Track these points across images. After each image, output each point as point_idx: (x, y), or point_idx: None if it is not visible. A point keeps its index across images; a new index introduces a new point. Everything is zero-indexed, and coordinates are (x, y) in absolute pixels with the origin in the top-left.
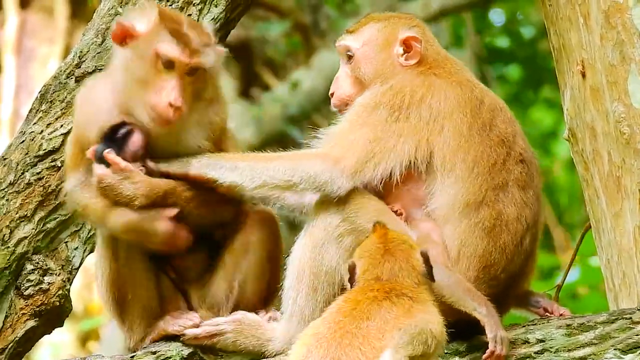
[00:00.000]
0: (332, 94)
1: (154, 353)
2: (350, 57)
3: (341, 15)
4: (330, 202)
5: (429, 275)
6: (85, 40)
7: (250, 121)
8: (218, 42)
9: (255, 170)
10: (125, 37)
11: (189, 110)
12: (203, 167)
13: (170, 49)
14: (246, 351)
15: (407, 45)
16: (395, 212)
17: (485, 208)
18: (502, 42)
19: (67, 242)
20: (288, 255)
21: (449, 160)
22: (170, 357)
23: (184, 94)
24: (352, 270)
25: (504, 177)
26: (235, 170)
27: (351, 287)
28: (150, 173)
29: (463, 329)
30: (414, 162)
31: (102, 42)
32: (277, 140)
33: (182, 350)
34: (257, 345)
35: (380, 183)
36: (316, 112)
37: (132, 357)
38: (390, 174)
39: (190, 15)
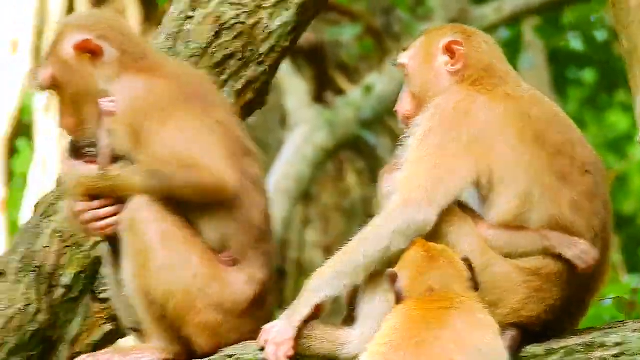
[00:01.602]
0: (396, 112)
1: (231, 356)
2: (406, 74)
3: (414, 19)
4: None
5: (474, 281)
6: (156, 43)
7: (324, 125)
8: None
9: (350, 265)
10: None
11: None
12: (316, 290)
13: None
14: (320, 356)
15: (449, 51)
16: None
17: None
18: (576, 44)
19: None
20: None
21: (508, 174)
22: None
23: (63, 111)
24: (392, 278)
25: (569, 189)
26: (338, 278)
27: (396, 297)
28: None
29: (539, 332)
30: (479, 180)
31: (173, 45)
32: (350, 144)
33: (258, 354)
34: (331, 349)
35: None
36: (390, 115)
37: None
38: (462, 195)
39: (261, 19)
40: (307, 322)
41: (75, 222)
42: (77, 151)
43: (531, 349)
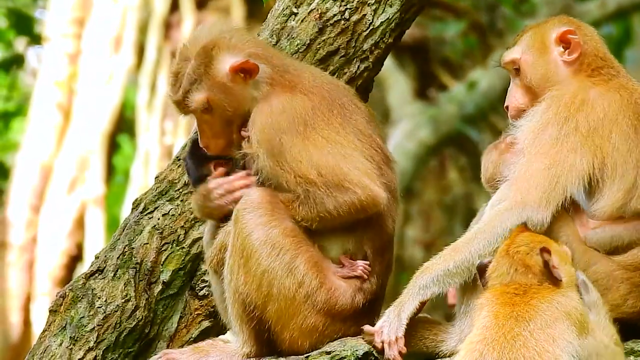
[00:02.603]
0: (507, 107)
1: (329, 353)
2: (517, 70)
3: (517, 15)
4: None
5: (551, 276)
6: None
7: (427, 121)
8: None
9: (462, 263)
10: None
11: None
12: (425, 287)
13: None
14: (420, 351)
15: (564, 41)
16: None
17: None
18: None
19: None
20: None
21: (621, 165)
22: (345, 357)
23: (207, 131)
24: (481, 270)
25: None
26: (448, 276)
27: (484, 286)
28: None
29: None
30: (593, 174)
31: (277, 42)
32: (453, 140)
33: (356, 350)
34: (431, 345)
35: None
36: (493, 111)
37: (307, 357)
38: (577, 191)
39: (365, 15)
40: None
41: (205, 203)
42: (197, 169)
43: (630, 345)
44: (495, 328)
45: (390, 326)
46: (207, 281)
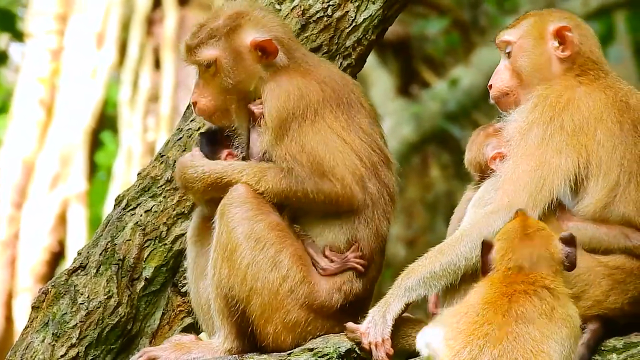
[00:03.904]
0: (491, 86)
1: (311, 350)
2: (509, 53)
3: (500, 13)
4: None
5: (571, 262)
6: None
7: (410, 118)
8: (371, 39)
9: (448, 266)
10: None
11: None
12: (411, 289)
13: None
14: (403, 349)
15: (560, 37)
16: None
17: None
18: None
19: None
20: None
21: (605, 162)
22: (327, 354)
23: (202, 88)
24: (487, 248)
25: None
26: (435, 278)
27: (485, 267)
28: None
29: (620, 326)
30: (579, 173)
31: None
32: (436, 137)
33: (339, 347)
34: (414, 343)
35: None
36: (475, 109)
37: (290, 353)
38: (563, 192)
39: (347, 12)
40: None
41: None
42: (213, 140)
43: (611, 342)
44: (493, 323)
45: (376, 327)
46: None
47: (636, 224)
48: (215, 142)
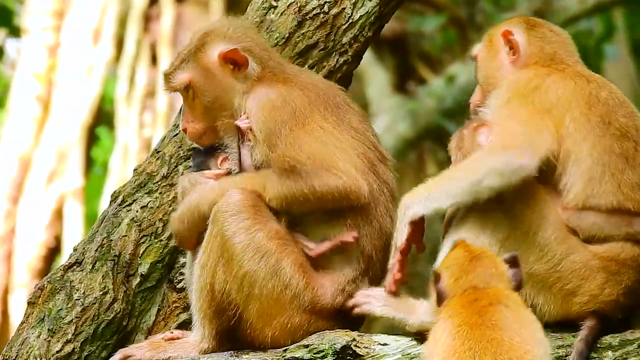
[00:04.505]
0: (469, 103)
1: (307, 346)
2: (475, 65)
3: (497, 10)
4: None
5: (518, 282)
6: None
7: (406, 115)
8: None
9: (442, 190)
10: None
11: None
12: (408, 206)
13: None
14: (393, 319)
15: (508, 42)
16: None
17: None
18: None
19: None
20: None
21: (576, 153)
22: (323, 351)
23: (188, 114)
24: (437, 278)
25: (632, 172)
26: (428, 199)
27: (438, 296)
28: None
29: (616, 323)
30: (554, 155)
31: None
32: (432, 134)
33: (335, 344)
34: (402, 317)
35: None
36: None
37: (285, 350)
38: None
39: (344, 9)
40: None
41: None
42: (205, 156)
43: (607, 340)
44: (471, 337)
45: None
46: (185, 274)
47: (620, 207)
48: (207, 151)
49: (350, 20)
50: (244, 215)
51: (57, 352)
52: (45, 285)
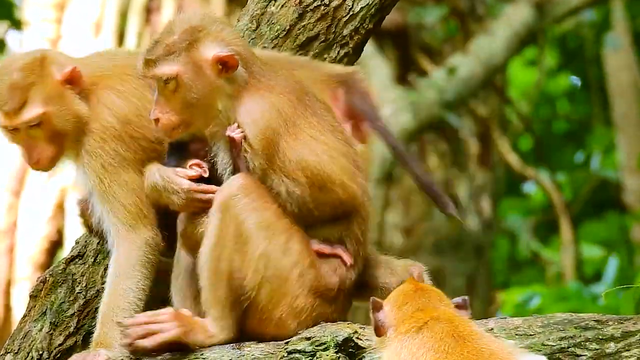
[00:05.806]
0: None
1: (309, 339)
2: None
3: (498, 1)
4: None
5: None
6: (240, 25)
7: (407, 106)
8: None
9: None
10: None
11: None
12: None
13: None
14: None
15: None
16: None
17: None
18: None
19: None
20: None
21: None
22: (325, 343)
23: (163, 105)
24: (376, 307)
25: None
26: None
27: (377, 327)
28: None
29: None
30: None
31: (257, 27)
32: (433, 126)
33: (336, 336)
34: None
35: None
36: (473, 97)
37: (287, 342)
38: None
39: (344, 1)
40: None
41: (184, 200)
42: (180, 152)
43: (609, 331)
44: (452, 353)
45: None
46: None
47: None
48: (182, 151)
49: (351, 12)
50: (254, 196)
51: (59, 345)
52: (48, 279)
